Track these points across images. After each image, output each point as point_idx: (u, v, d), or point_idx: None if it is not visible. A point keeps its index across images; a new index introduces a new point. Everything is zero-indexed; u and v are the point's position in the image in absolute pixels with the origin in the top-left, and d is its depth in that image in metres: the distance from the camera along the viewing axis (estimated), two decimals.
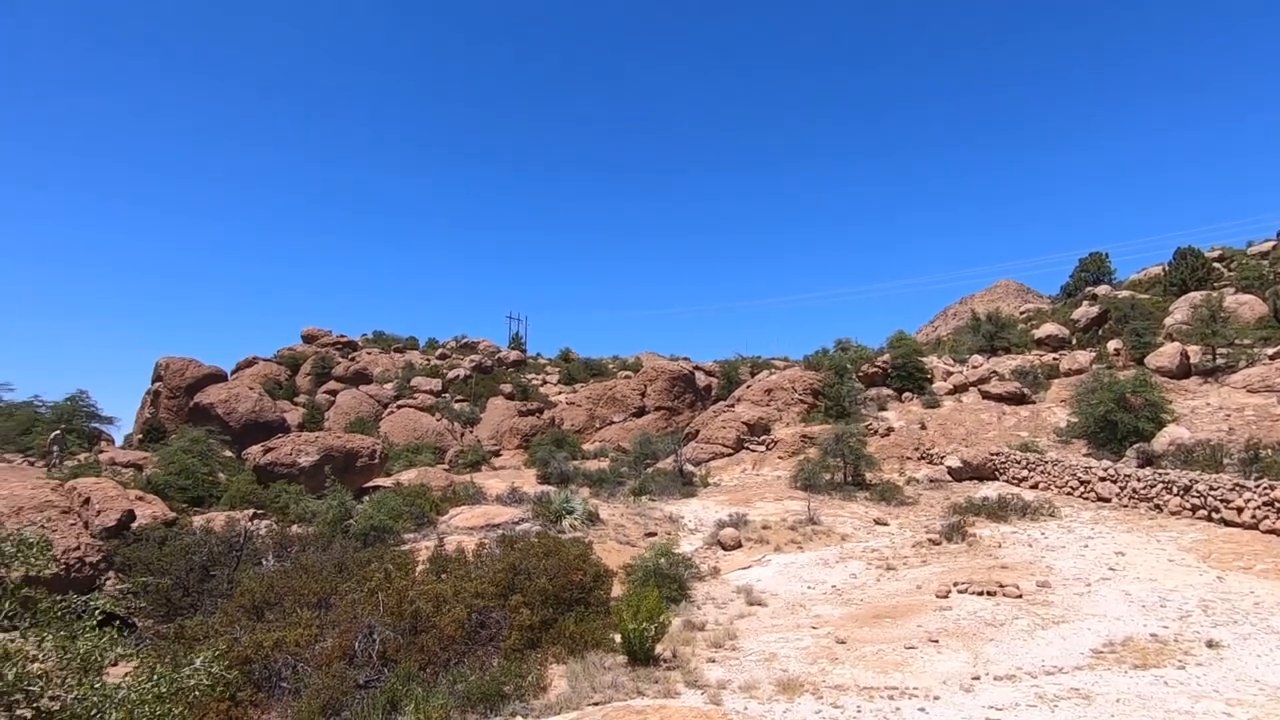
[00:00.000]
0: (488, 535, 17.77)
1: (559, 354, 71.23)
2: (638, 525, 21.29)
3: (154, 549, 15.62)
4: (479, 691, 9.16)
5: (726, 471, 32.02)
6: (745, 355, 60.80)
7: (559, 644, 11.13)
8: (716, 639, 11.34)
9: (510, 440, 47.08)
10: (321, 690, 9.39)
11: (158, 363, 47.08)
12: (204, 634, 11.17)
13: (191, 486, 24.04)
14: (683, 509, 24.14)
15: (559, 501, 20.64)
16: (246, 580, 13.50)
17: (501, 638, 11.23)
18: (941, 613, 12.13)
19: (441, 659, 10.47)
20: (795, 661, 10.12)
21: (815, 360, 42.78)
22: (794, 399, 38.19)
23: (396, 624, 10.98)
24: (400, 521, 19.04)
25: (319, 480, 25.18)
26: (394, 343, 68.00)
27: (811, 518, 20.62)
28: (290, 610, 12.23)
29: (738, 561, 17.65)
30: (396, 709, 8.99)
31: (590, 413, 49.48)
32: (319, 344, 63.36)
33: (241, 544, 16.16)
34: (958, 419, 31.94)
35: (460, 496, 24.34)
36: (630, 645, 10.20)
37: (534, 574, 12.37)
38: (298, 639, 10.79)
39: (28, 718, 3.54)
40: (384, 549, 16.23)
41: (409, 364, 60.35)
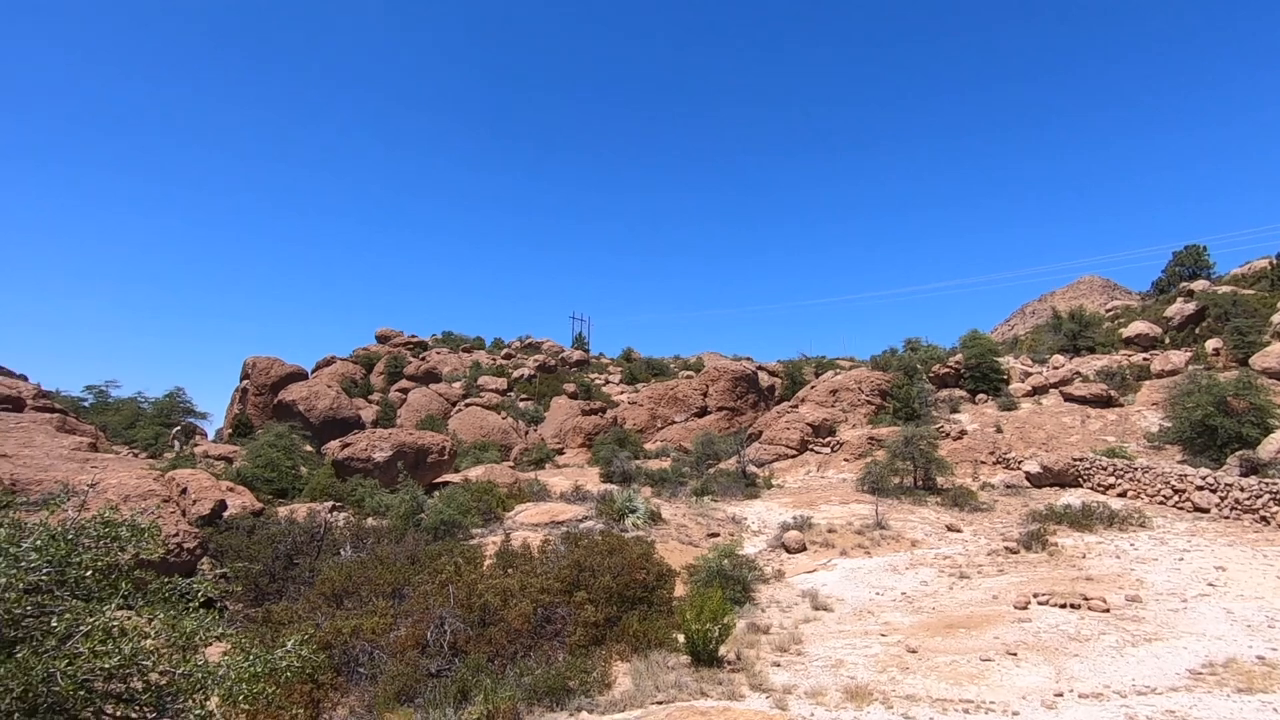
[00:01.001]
0: (552, 532, 18.07)
1: (621, 354, 71.78)
2: (700, 525, 21.22)
3: (243, 537, 16.58)
4: (545, 685, 9.34)
5: (790, 473, 31.53)
6: (809, 355, 59.79)
7: (623, 642, 11.23)
8: (781, 643, 11.19)
9: (573, 439, 47.71)
10: (396, 677, 9.77)
11: (246, 362, 49.95)
12: (289, 619, 11.79)
13: (276, 479, 25.41)
14: (745, 510, 23.91)
15: (622, 500, 20.78)
16: (327, 569, 14.16)
17: (566, 633, 11.40)
18: (1020, 624, 11.60)
19: (509, 651, 10.72)
20: (864, 669, 9.88)
21: (883, 360, 41.62)
22: (860, 400, 37.25)
23: (466, 616, 11.30)
24: (468, 517, 19.58)
25: (392, 475, 26.17)
26: (462, 343, 70.00)
27: (879, 522, 20.07)
28: (367, 599, 12.77)
29: (802, 565, 17.36)
30: (466, 698, 9.26)
31: (652, 412, 49.61)
32: (391, 344, 65.85)
33: (322, 535, 16.97)
34: (1037, 422, 30.45)
35: (525, 494, 24.84)
36: (694, 646, 10.19)
37: (598, 572, 12.50)
38: (374, 627, 11.26)
39: (139, 688, 3.84)
40: (453, 543, 16.75)
41: (476, 363, 62.01)
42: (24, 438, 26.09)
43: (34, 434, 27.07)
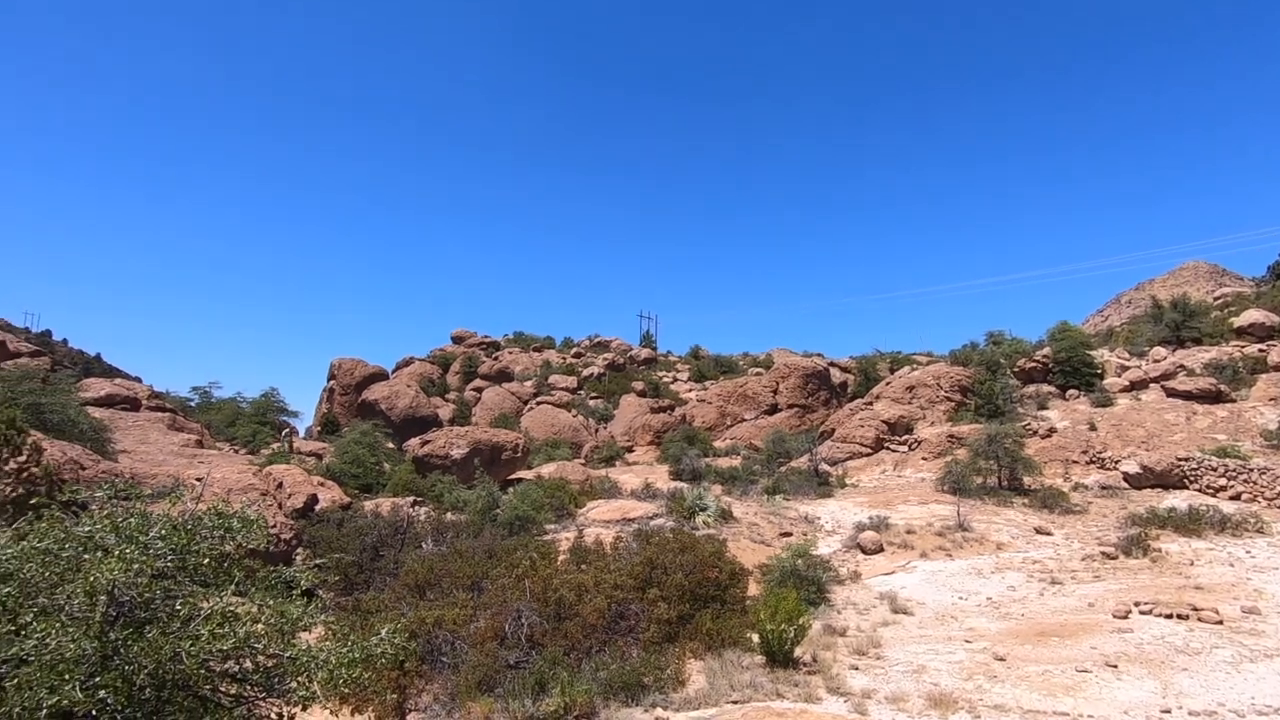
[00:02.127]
0: (624, 529, 18.24)
1: (689, 351, 71.61)
2: (772, 524, 20.96)
3: (333, 530, 17.50)
4: (620, 681, 9.44)
5: (865, 472, 30.71)
6: (884, 350, 58.00)
7: (696, 640, 11.22)
8: (859, 646, 10.92)
9: (642, 437, 47.97)
10: (477, 667, 10.09)
11: (332, 363, 52.66)
12: (376, 608, 12.36)
13: (362, 474, 26.69)
14: (818, 509, 23.45)
15: (692, 498, 20.76)
16: (410, 562, 14.77)
17: (640, 629, 11.49)
18: (1120, 635, 10.91)
19: (584, 646, 10.89)
20: (948, 676, 9.52)
21: (963, 355, 39.90)
22: (939, 396, 35.85)
23: (542, 610, 11.56)
24: (542, 513, 20.00)
25: (469, 471, 27.03)
26: (533, 342, 71.50)
27: (961, 523, 19.28)
28: (448, 591, 13.25)
29: (879, 566, 16.88)
30: (544, 690, 9.47)
31: (721, 410, 49.29)
32: (466, 344, 67.97)
33: (405, 528, 17.71)
34: (1135, 419, 28.51)
35: (597, 491, 25.17)
36: (769, 646, 10.08)
37: (670, 569, 12.54)
38: (455, 618, 11.67)
39: (250, 669, 4.12)
40: (528, 538, 17.15)
41: (546, 362, 63.23)
42: (140, 435, 28.37)
43: (149, 431, 29.40)
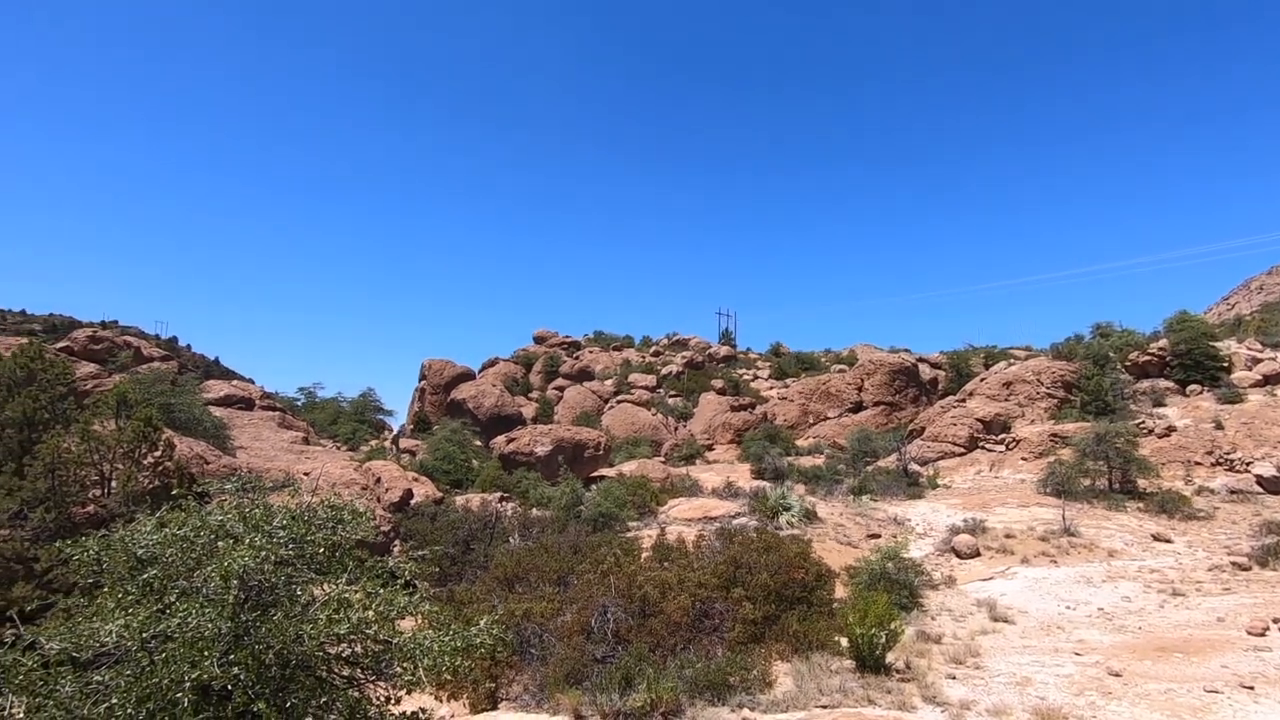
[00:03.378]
0: (706, 528, 18.18)
1: (769, 348, 70.52)
2: (859, 526, 20.36)
3: (427, 523, 18.34)
4: (706, 679, 9.41)
5: (958, 472, 29.32)
6: (977, 345, 55.16)
7: (782, 641, 11.05)
8: (956, 654, 10.44)
9: (722, 435, 47.62)
10: (565, 660, 10.31)
11: (423, 364, 55.09)
12: (468, 599, 12.86)
13: (452, 471, 27.82)
14: (908, 511, 22.59)
15: (775, 497, 20.44)
16: (499, 556, 15.28)
17: (725, 629, 11.43)
18: (1257, 653, 9.94)
19: (669, 643, 10.93)
20: (1056, 690, 8.96)
21: (1067, 348, 37.41)
22: (1040, 393, 33.77)
23: (627, 606, 11.67)
24: (624, 510, 20.22)
25: (553, 468, 27.68)
26: (612, 341, 72.31)
27: (1067, 528, 18.09)
28: (535, 585, 13.61)
29: (976, 571, 16.08)
30: (630, 685, 9.56)
31: (803, 408, 48.27)
32: (548, 344, 69.53)
33: (493, 523, 18.34)
34: (1271, 417, 25.88)
35: (678, 489, 25.20)
36: (859, 650, 9.80)
37: (754, 569, 12.39)
38: (543, 611, 11.97)
39: (360, 653, 4.38)
40: (611, 535, 17.38)
41: (626, 361, 63.81)
42: (254, 432, 30.63)
43: (261, 429, 31.70)
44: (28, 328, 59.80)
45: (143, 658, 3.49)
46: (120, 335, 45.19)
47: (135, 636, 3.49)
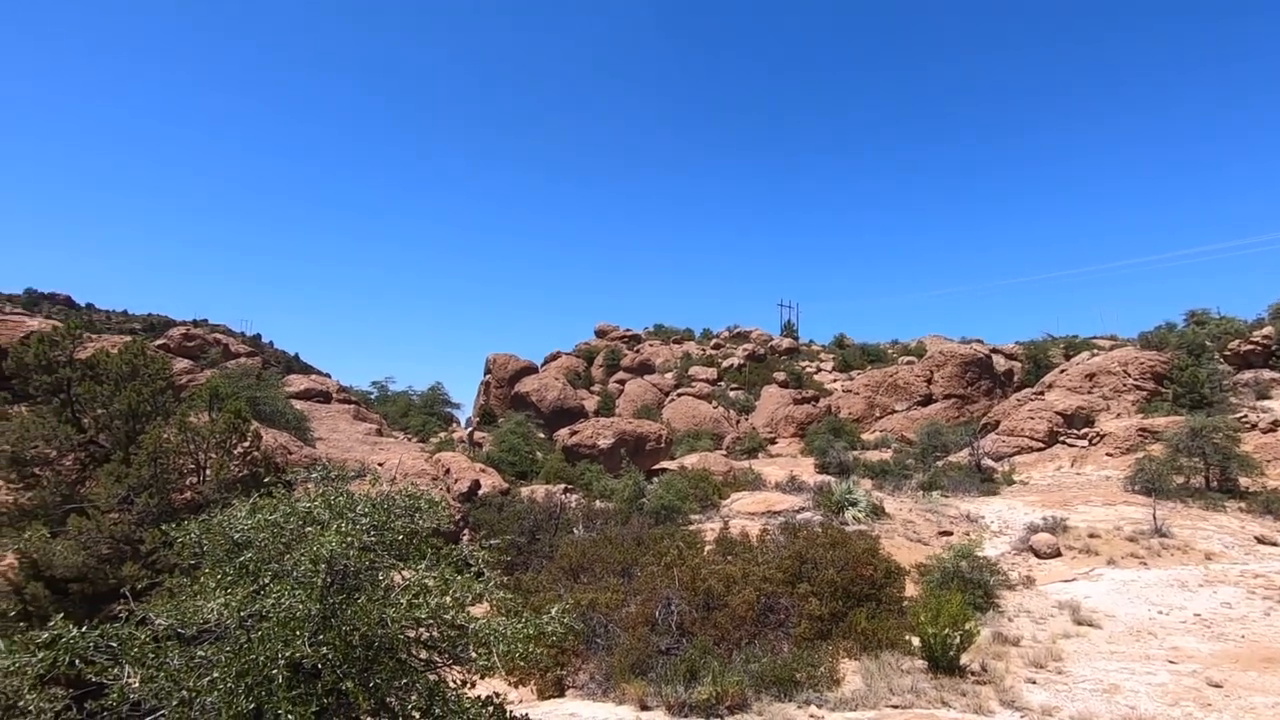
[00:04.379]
0: (769, 522, 17.98)
1: (833, 340, 69.06)
2: (929, 522, 19.73)
3: (494, 513, 18.81)
4: (772, 674, 9.33)
5: (1035, 468, 28.02)
6: (1055, 335, 52.46)
7: (850, 639, 10.84)
8: (1036, 658, 10.00)
9: (785, 428, 46.97)
10: (630, 650, 10.41)
11: (488, 358, 56.43)
12: (535, 588, 13.13)
13: (518, 462, 28.43)
14: (982, 508, 21.74)
15: (841, 492, 20.02)
16: (564, 546, 15.54)
17: (790, 624, 11.29)
18: None
19: (734, 637, 10.88)
20: (1148, 699, 8.47)
21: (1157, 337, 35.14)
22: (1127, 385, 31.86)
23: (691, 599, 11.69)
24: (687, 503, 20.22)
25: (615, 461, 27.92)
26: (672, 335, 72.27)
27: (1159, 528, 17.03)
28: (599, 575, 13.78)
29: (1057, 572, 15.35)
30: (695, 678, 9.57)
31: (869, 401, 47.06)
32: (609, 338, 70.08)
33: (558, 514, 18.66)
34: None
35: (740, 482, 25.02)
36: (931, 650, 9.51)
37: (820, 564, 12.19)
38: (608, 602, 12.11)
39: (435, 636, 4.54)
40: (674, 528, 17.42)
41: (686, 354, 63.66)
42: (331, 424, 32.09)
43: (338, 421, 33.18)
44: (129, 327, 64.34)
45: (241, 635, 3.72)
46: (210, 333, 48.08)
47: (234, 615, 3.73)
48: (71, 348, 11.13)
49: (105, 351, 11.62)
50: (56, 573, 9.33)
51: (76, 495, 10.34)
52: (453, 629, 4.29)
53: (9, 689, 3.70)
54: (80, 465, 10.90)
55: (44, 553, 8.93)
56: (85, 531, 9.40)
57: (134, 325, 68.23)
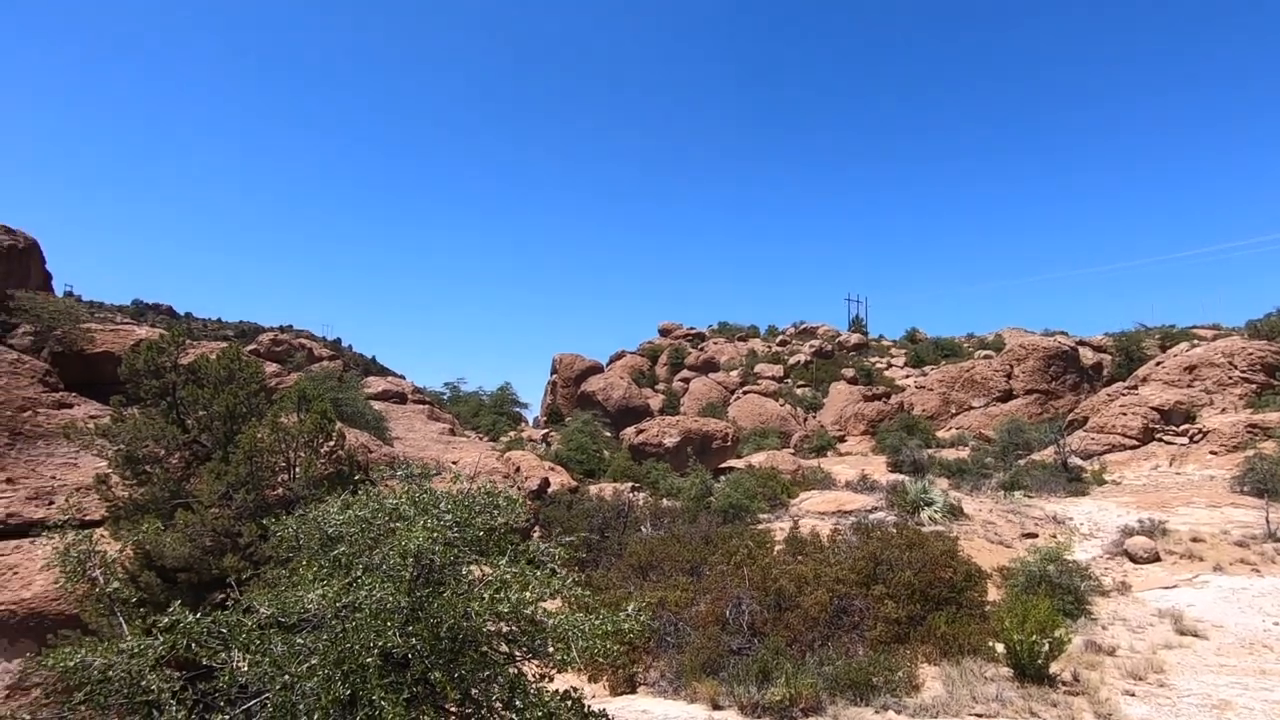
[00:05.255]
0: (840, 522, 17.61)
1: (905, 334, 66.87)
2: (1011, 524, 18.88)
3: (564, 511, 19.11)
4: (847, 678, 9.14)
5: (1129, 467, 26.37)
6: (1150, 325, 49.18)
7: (929, 643, 10.50)
8: (1134, 669, 9.42)
9: (855, 426, 45.84)
10: (701, 649, 10.40)
11: (554, 358, 57.38)
12: (604, 585, 13.28)
13: (585, 461, 28.81)
14: (1070, 509, 20.64)
15: (916, 492, 19.39)
16: (632, 544, 15.65)
17: (865, 627, 11.02)
18: None
19: (806, 639, 10.71)
20: (1264, 717, 7.85)
21: (1267, 326, 32.45)
22: (1233, 378, 29.56)
23: (762, 599, 11.57)
24: (755, 502, 20.01)
25: (681, 459, 27.91)
26: (737, 332, 71.61)
27: (1274, 533, 15.75)
28: (668, 574, 13.82)
29: (1155, 578, 14.41)
30: (768, 679, 9.47)
31: (944, 397, 45.37)
32: (673, 336, 70.07)
33: (626, 512, 18.80)
34: None
35: (809, 481, 24.58)
36: (1018, 657, 9.10)
37: (896, 566, 11.85)
38: (677, 600, 12.14)
39: (515, 631, 4.66)
40: (742, 526, 17.28)
41: (752, 352, 62.97)
42: (408, 424, 33.35)
43: (413, 421, 34.45)
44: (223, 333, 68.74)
45: (336, 625, 3.93)
46: (295, 338, 50.80)
47: (331, 605, 3.94)
48: (176, 354, 11.97)
49: (205, 357, 12.45)
50: (166, 563, 10.07)
51: (182, 491, 11.12)
52: (531, 623, 4.40)
53: (133, 670, 4.04)
54: (185, 463, 11.71)
55: (156, 544, 9.65)
56: (191, 525, 10.10)
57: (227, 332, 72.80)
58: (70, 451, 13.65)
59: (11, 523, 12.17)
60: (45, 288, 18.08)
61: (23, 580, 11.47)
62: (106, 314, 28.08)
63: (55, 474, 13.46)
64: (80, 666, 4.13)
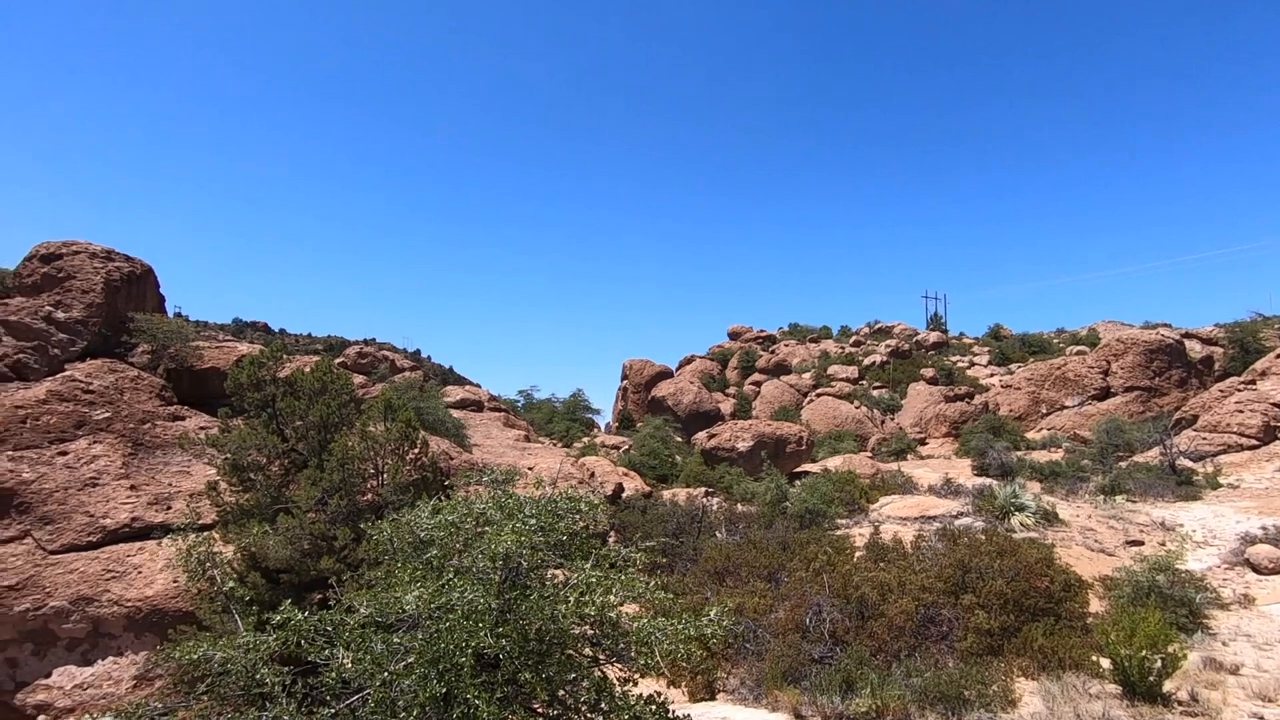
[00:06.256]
0: (924, 527, 16.97)
1: (988, 331, 63.91)
2: (1113, 531, 17.71)
3: (638, 515, 19.21)
4: (937, 690, 8.79)
5: (1248, 468, 24.27)
6: (1266, 314, 45.16)
7: (1025, 656, 9.99)
8: (1262, 689, 8.65)
9: (936, 428, 44.09)
10: (781, 657, 10.23)
11: (624, 364, 57.85)
12: (681, 590, 13.25)
13: (658, 466, 28.88)
14: (1180, 514, 19.18)
15: (1005, 496, 18.47)
16: (708, 549, 15.57)
17: (954, 638, 10.58)
18: None
19: (892, 648, 10.37)
20: None
21: None
22: None
23: (843, 606, 11.28)
24: (832, 506, 19.55)
25: (754, 463, 27.56)
26: (808, 333, 70.24)
27: None
28: (745, 579, 13.67)
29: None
30: (852, 689, 9.22)
31: (1033, 396, 43.03)
32: (743, 340, 69.39)
33: (700, 517, 18.72)
34: None
35: (889, 485, 23.80)
36: (1126, 674, 8.52)
37: (987, 574, 11.32)
38: (755, 606, 11.99)
39: (599, 634, 4.73)
40: (820, 532, 16.89)
41: (824, 353, 61.61)
42: (485, 431, 34.30)
43: (490, 428, 35.40)
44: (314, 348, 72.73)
45: (430, 625, 4.10)
46: (379, 350, 53.18)
47: (426, 607, 4.12)
48: (274, 368, 12.76)
49: (300, 370, 13.22)
50: (270, 564, 10.73)
51: (282, 497, 11.82)
52: (613, 627, 4.45)
53: (248, 664, 4.35)
54: (284, 470, 12.44)
55: (260, 547, 10.30)
56: (291, 529, 10.73)
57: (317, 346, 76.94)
58: (184, 460, 14.75)
59: (135, 526, 13.25)
60: (159, 310, 19.63)
61: (146, 579, 12.47)
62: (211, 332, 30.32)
63: (171, 481, 14.58)
64: (202, 660, 4.48)
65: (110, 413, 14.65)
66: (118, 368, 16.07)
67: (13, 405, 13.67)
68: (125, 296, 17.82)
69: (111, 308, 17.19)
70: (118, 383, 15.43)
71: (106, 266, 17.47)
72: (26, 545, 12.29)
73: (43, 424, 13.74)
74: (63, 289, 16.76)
